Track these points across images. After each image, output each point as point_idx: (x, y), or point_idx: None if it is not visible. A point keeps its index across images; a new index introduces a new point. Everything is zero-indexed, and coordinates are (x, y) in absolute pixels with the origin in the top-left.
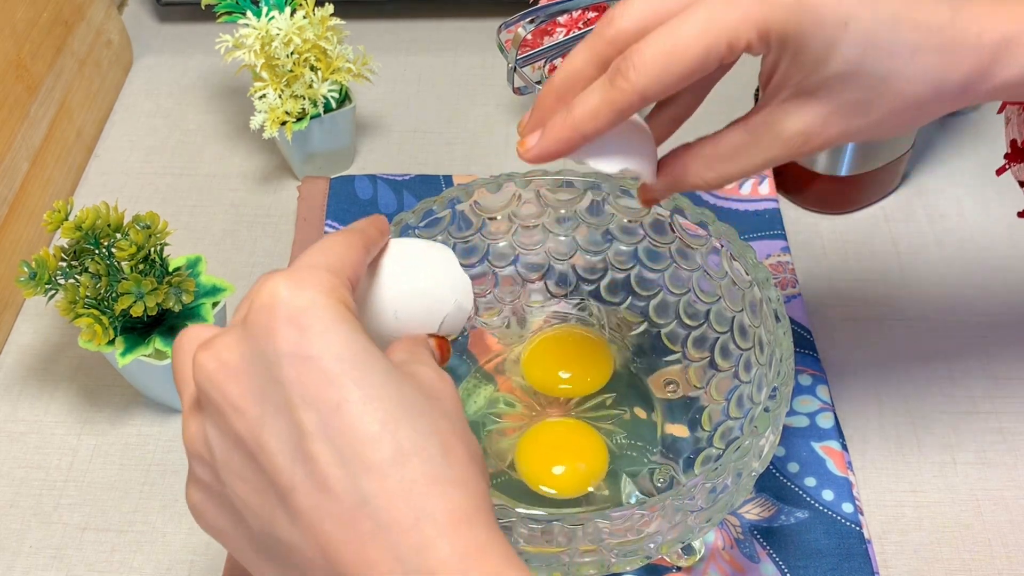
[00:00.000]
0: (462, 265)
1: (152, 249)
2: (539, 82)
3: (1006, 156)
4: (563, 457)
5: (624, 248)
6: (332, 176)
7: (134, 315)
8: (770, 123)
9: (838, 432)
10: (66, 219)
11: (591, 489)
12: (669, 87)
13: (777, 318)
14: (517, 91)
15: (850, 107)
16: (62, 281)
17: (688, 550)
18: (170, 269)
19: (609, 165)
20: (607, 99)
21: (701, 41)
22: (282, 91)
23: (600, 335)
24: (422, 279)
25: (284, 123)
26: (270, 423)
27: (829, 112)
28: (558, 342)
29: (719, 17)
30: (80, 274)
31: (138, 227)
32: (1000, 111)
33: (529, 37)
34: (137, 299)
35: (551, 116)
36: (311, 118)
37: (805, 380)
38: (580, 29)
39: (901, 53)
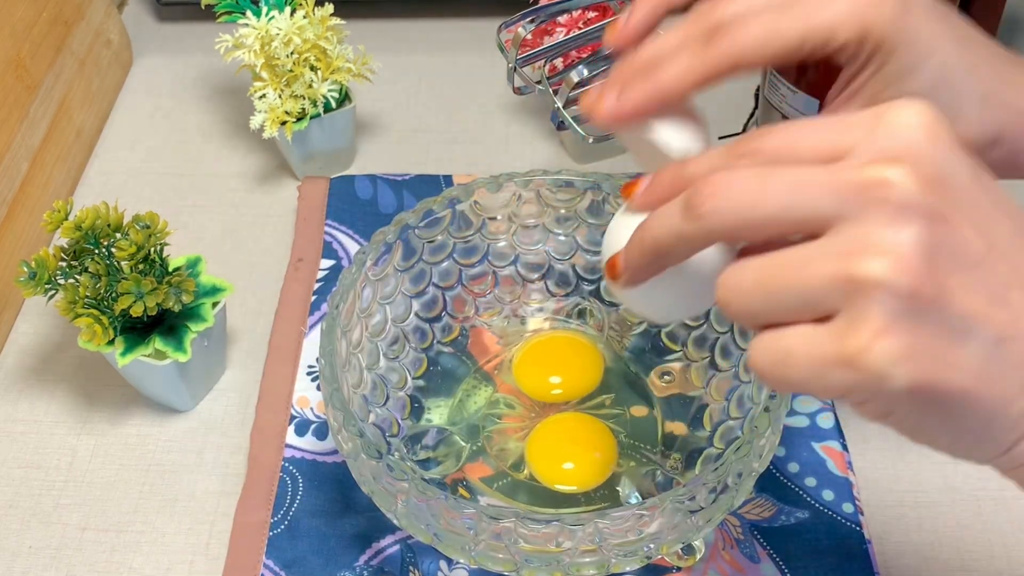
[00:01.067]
0: (461, 265)
1: (152, 249)
2: (539, 82)
3: None
4: (578, 450)
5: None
6: (332, 176)
7: (134, 315)
8: None
9: (838, 432)
10: (66, 219)
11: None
12: (760, 62)
13: None
14: (517, 91)
15: None
16: (62, 281)
17: (688, 550)
18: (170, 269)
19: (671, 136)
20: (697, 62)
21: (805, 25)
22: (282, 91)
23: (589, 336)
24: None
25: (284, 123)
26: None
27: None
28: (545, 348)
29: (828, 8)
30: (80, 274)
31: (138, 227)
32: None
33: (529, 37)
34: (137, 299)
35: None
36: (311, 118)
37: None
38: (580, 29)
39: (970, 98)
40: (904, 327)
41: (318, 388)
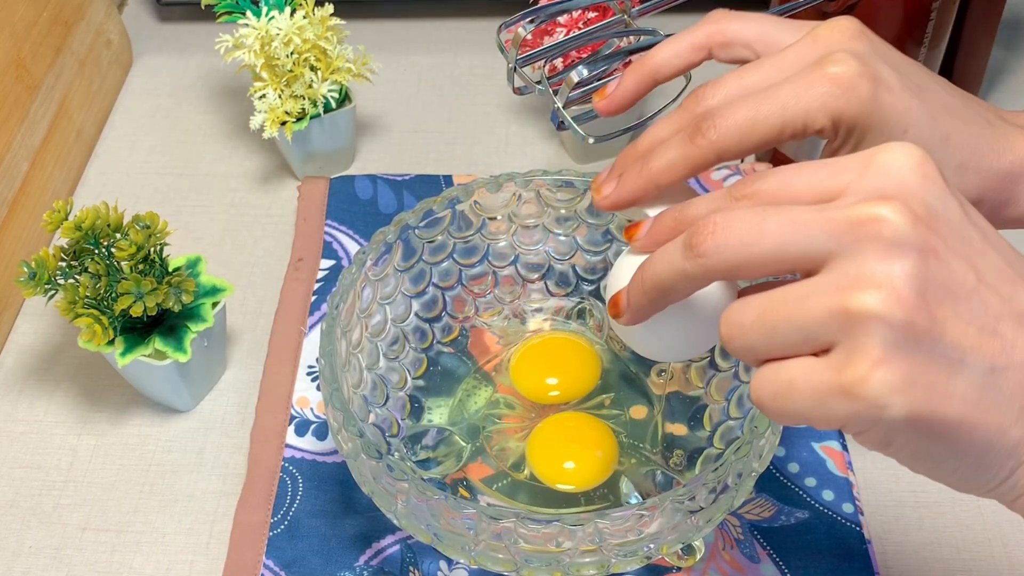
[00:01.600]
0: (461, 265)
1: (152, 249)
2: (539, 82)
3: None
4: (579, 450)
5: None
6: (332, 176)
7: (134, 315)
8: None
9: (838, 432)
10: (66, 219)
11: (614, 472)
12: (743, 151)
13: None
14: (517, 91)
15: None
16: (62, 281)
17: (688, 550)
18: (170, 269)
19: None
20: (684, 153)
21: (781, 116)
22: (282, 91)
23: (587, 337)
24: None
25: (284, 123)
26: (987, 253)
27: None
28: (542, 350)
29: (802, 98)
30: (80, 274)
31: (138, 227)
32: None
33: (529, 37)
34: (137, 299)
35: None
36: (311, 118)
37: None
38: (580, 29)
39: (946, 168)
40: (900, 357)
41: (318, 388)
